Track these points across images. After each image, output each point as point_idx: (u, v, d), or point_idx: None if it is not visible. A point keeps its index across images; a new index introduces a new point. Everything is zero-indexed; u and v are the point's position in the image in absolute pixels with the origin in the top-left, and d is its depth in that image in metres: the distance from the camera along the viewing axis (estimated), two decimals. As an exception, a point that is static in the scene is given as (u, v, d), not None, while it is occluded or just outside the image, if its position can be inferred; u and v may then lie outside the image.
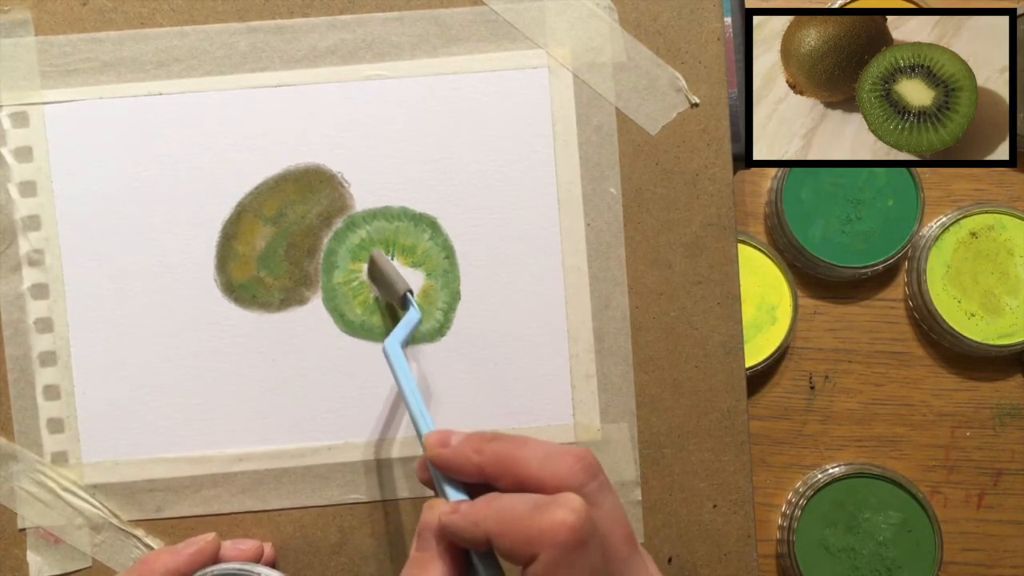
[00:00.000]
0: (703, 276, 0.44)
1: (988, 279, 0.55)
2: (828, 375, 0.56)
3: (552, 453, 0.33)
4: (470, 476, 0.34)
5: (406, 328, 0.40)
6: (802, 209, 0.55)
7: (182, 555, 0.38)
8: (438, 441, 0.35)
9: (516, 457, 0.33)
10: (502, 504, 0.32)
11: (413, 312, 0.41)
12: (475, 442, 0.34)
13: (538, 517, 0.30)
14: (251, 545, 0.41)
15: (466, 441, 0.35)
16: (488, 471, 0.34)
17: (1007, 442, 0.56)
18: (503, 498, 0.33)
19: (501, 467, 0.33)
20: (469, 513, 0.33)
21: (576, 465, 0.33)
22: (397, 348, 0.39)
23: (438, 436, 0.36)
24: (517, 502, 0.32)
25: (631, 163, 0.44)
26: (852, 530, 0.54)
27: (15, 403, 0.43)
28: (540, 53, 0.44)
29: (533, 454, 0.33)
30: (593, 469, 0.33)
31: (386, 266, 0.42)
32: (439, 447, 0.35)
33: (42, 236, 0.43)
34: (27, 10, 0.43)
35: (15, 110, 0.43)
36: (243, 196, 0.43)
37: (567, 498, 0.31)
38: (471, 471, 0.34)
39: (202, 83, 0.43)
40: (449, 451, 0.35)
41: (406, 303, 0.41)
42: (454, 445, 0.35)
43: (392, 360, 0.39)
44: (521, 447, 0.33)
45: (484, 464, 0.34)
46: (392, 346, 0.39)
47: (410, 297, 0.41)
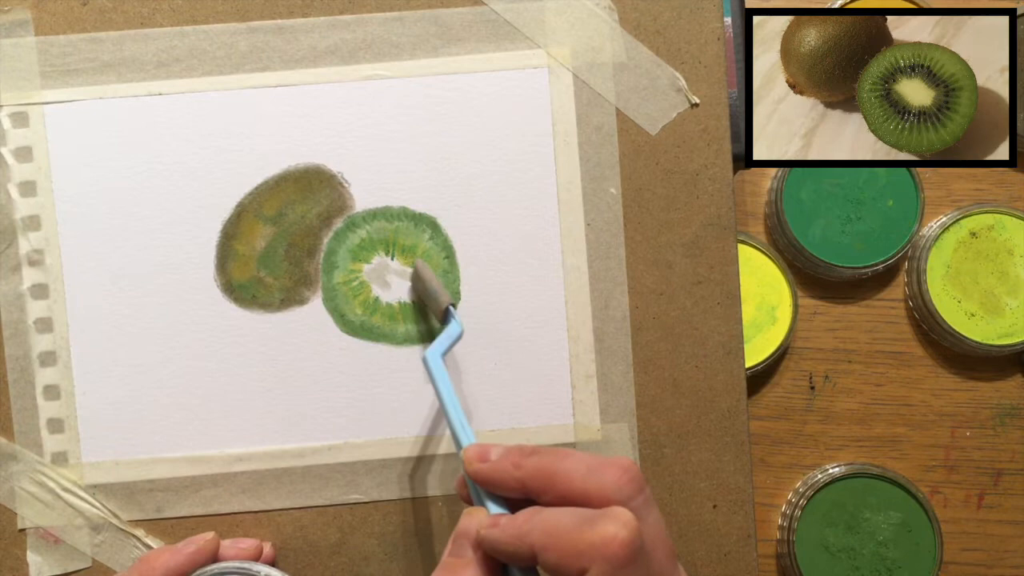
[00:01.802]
0: (703, 276, 0.44)
1: (988, 279, 0.55)
2: (828, 375, 0.56)
3: (595, 466, 0.32)
4: (511, 491, 0.34)
5: (447, 340, 0.40)
6: (802, 209, 0.55)
7: (182, 554, 0.38)
8: (477, 455, 0.35)
9: (558, 470, 0.32)
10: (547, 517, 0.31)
11: (455, 325, 0.41)
12: (515, 456, 0.34)
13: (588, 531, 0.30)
14: (250, 544, 0.41)
15: (505, 455, 0.34)
16: (530, 485, 0.33)
17: (1007, 442, 0.56)
18: (548, 511, 0.32)
19: (543, 481, 0.33)
20: (511, 527, 0.32)
21: (623, 478, 0.32)
22: (439, 360, 0.39)
23: (477, 450, 0.35)
24: (564, 516, 0.31)
25: (631, 163, 0.44)
26: (852, 530, 0.54)
27: (15, 403, 0.43)
28: (540, 53, 0.44)
29: (576, 467, 0.32)
30: (639, 482, 0.32)
31: (430, 278, 0.42)
32: (478, 461, 0.35)
33: (42, 236, 0.43)
34: (27, 10, 0.43)
35: (15, 110, 0.43)
36: (243, 196, 0.43)
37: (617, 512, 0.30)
38: (512, 485, 0.34)
39: (202, 83, 0.43)
40: (488, 466, 0.34)
41: (448, 316, 0.41)
42: (493, 459, 0.34)
43: (433, 372, 0.39)
44: (563, 460, 0.33)
45: (525, 478, 0.33)
46: (434, 357, 0.39)
47: (452, 311, 0.41)
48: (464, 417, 0.37)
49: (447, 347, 0.40)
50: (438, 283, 0.42)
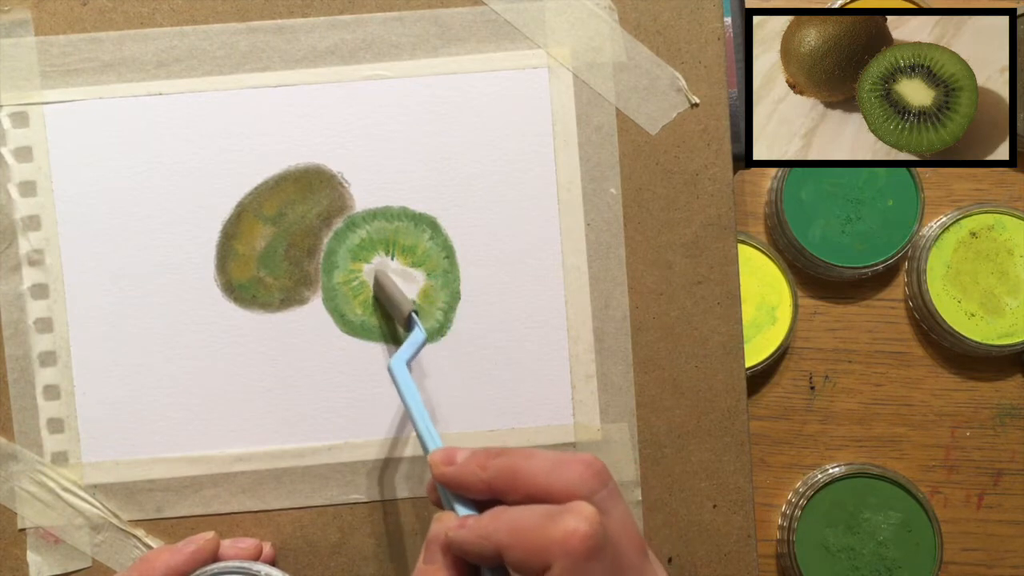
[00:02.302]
0: (703, 276, 0.44)
1: (988, 279, 0.55)
2: (828, 375, 0.56)
3: (559, 462, 0.33)
4: (478, 492, 0.34)
5: (411, 348, 0.40)
6: (802, 209, 0.55)
7: (182, 553, 0.38)
8: (443, 459, 0.35)
9: (522, 469, 0.33)
10: (511, 516, 0.32)
11: (418, 332, 0.41)
12: (480, 458, 0.34)
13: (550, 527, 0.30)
14: (250, 543, 0.41)
15: (471, 457, 0.34)
16: (495, 486, 0.33)
17: (1007, 442, 0.56)
18: (512, 510, 0.32)
19: (508, 481, 0.33)
20: (477, 527, 0.32)
21: (585, 472, 0.32)
22: (403, 368, 0.39)
23: (443, 454, 0.35)
24: (527, 513, 0.31)
25: (631, 163, 0.44)
26: (852, 530, 0.54)
27: (15, 403, 0.43)
28: (540, 53, 0.44)
29: (540, 465, 0.33)
30: (602, 476, 0.33)
31: (390, 286, 0.42)
32: (444, 465, 0.35)
33: (42, 236, 0.43)
34: (27, 10, 0.43)
35: (15, 110, 0.43)
36: (243, 196, 0.43)
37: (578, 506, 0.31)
38: (478, 487, 0.34)
39: (202, 83, 0.43)
40: (454, 469, 0.34)
41: (411, 323, 0.41)
42: (459, 462, 0.34)
43: (398, 380, 0.39)
44: (526, 459, 0.33)
45: (490, 479, 0.33)
46: (398, 366, 0.39)
47: (415, 318, 0.41)
48: (431, 423, 0.37)
49: (412, 354, 0.40)
50: (399, 291, 0.42)
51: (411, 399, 0.38)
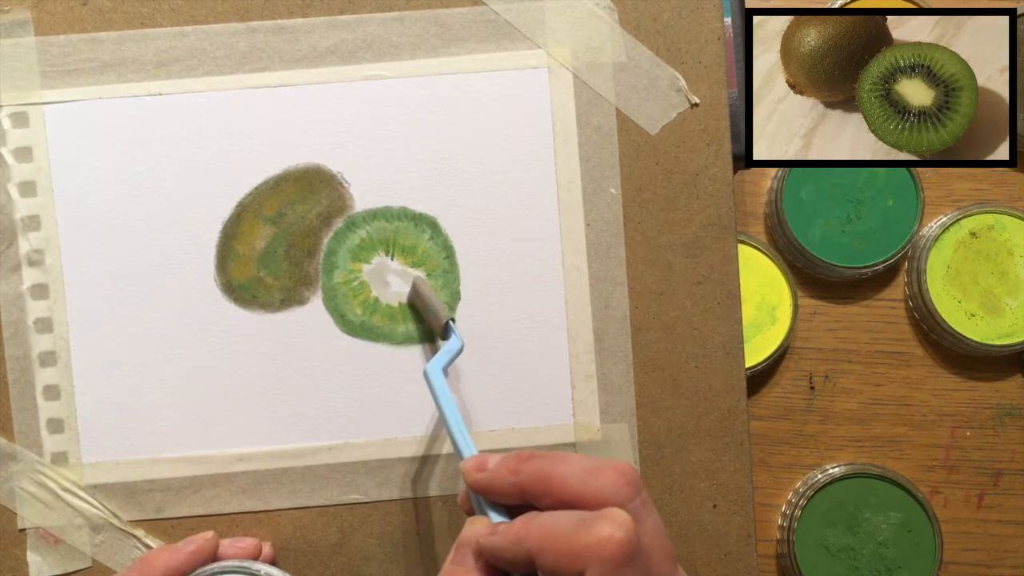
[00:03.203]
0: (703, 276, 0.44)
1: (988, 279, 0.55)
2: (828, 375, 0.56)
3: (592, 469, 0.32)
4: (509, 497, 0.34)
5: (448, 355, 0.40)
6: (802, 209, 0.55)
7: (182, 553, 0.38)
8: (475, 466, 0.35)
9: (554, 474, 0.32)
10: (544, 521, 0.31)
11: (455, 340, 0.41)
12: (511, 463, 0.34)
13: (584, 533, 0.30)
14: (250, 543, 0.41)
15: (502, 462, 0.34)
16: (527, 490, 0.33)
17: (1007, 442, 0.56)
18: (545, 515, 0.32)
19: (540, 486, 0.33)
20: (509, 533, 0.32)
21: (620, 480, 0.32)
22: (439, 374, 0.39)
23: (475, 461, 0.35)
24: (560, 519, 0.31)
25: (631, 163, 0.44)
26: (852, 530, 0.54)
27: (15, 403, 0.43)
28: (540, 53, 0.44)
29: (572, 471, 0.32)
30: (636, 484, 0.32)
31: (428, 294, 0.42)
32: (476, 472, 0.35)
33: (42, 236, 0.43)
34: (27, 10, 0.43)
35: (15, 110, 0.43)
36: (243, 196, 0.43)
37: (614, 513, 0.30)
38: (510, 492, 0.33)
39: (202, 83, 0.43)
40: (486, 475, 0.34)
41: (448, 331, 0.41)
42: (491, 468, 0.34)
43: (435, 386, 0.39)
44: (559, 464, 0.33)
45: (522, 484, 0.33)
46: (434, 371, 0.39)
47: (452, 326, 0.41)
48: (466, 430, 0.37)
49: (448, 361, 0.40)
50: (436, 299, 0.42)
51: (447, 405, 0.38)
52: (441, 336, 0.42)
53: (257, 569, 0.38)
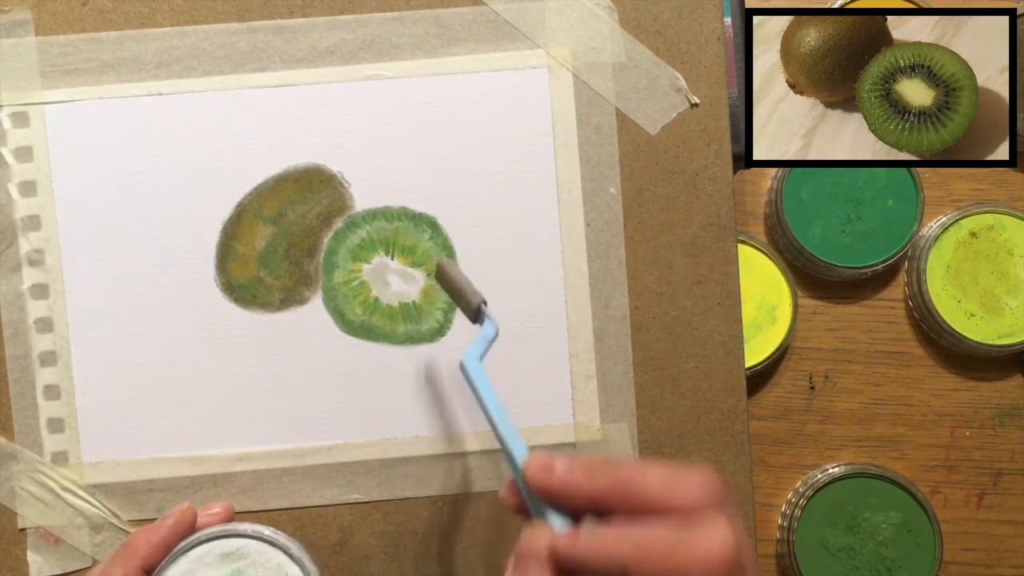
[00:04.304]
0: (703, 276, 0.44)
1: (988, 279, 0.55)
2: (828, 375, 0.56)
3: (676, 475, 0.30)
4: (581, 505, 0.31)
5: (483, 342, 0.37)
6: (802, 209, 0.55)
7: (162, 528, 0.38)
8: (542, 466, 0.32)
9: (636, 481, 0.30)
10: (640, 531, 0.29)
11: (489, 326, 0.38)
12: (587, 467, 0.32)
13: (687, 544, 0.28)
14: (220, 507, 0.40)
15: (577, 467, 0.32)
16: (605, 498, 0.31)
17: (1007, 442, 0.56)
18: (639, 525, 0.30)
19: (620, 493, 0.30)
20: (599, 542, 0.30)
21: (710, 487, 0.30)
22: (477, 364, 0.36)
23: (541, 461, 0.32)
24: (658, 528, 0.29)
25: (631, 163, 0.44)
26: (852, 530, 0.54)
27: (15, 403, 0.43)
28: (540, 53, 0.44)
29: (655, 478, 0.30)
30: (726, 492, 0.30)
31: (457, 276, 0.39)
32: (544, 473, 0.32)
33: (42, 236, 0.43)
34: (27, 10, 0.43)
35: (15, 110, 0.43)
36: (243, 196, 0.43)
37: (716, 521, 0.29)
38: (584, 499, 0.31)
39: (202, 83, 0.43)
40: (558, 479, 0.32)
41: (480, 316, 0.38)
42: (562, 471, 0.32)
43: (473, 378, 0.36)
44: (639, 470, 0.31)
45: (600, 490, 0.31)
46: (471, 362, 0.36)
47: (485, 310, 0.38)
48: (513, 424, 0.34)
49: (484, 349, 0.37)
50: (467, 280, 0.39)
51: (489, 398, 0.35)
52: (473, 320, 0.39)
53: (244, 529, 0.38)
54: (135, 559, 0.37)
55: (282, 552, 0.38)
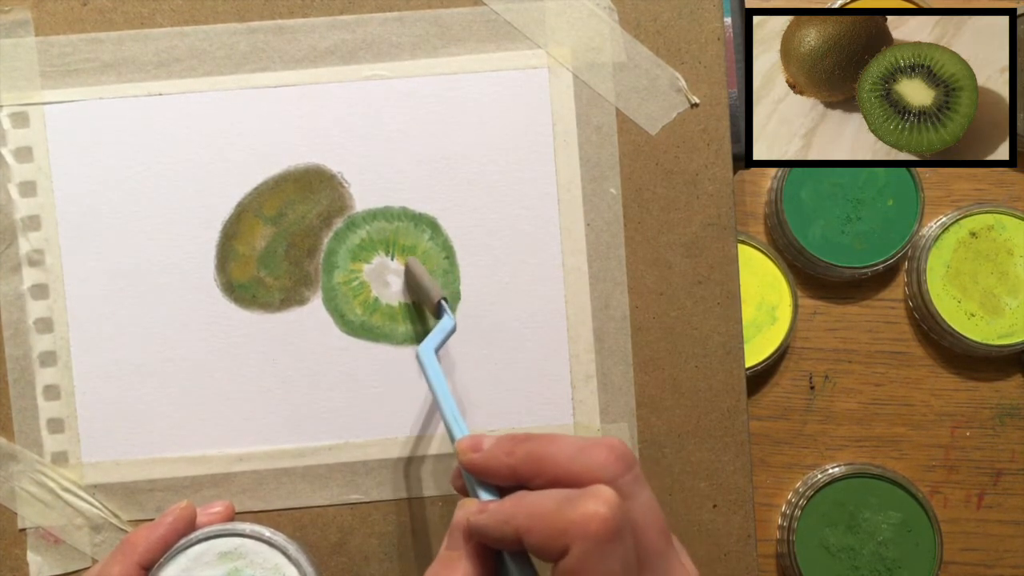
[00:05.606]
0: (703, 276, 0.44)
1: (988, 279, 0.55)
2: (828, 375, 0.56)
3: (583, 447, 0.33)
4: (503, 479, 0.34)
5: (440, 335, 0.40)
6: (802, 209, 0.55)
7: (161, 526, 0.38)
8: (470, 446, 0.35)
9: (547, 454, 0.33)
10: (531, 500, 0.32)
11: (447, 319, 0.41)
12: (506, 444, 0.34)
13: (569, 510, 0.30)
14: (221, 506, 0.41)
15: (497, 444, 0.34)
16: (521, 472, 0.33)
17: (1007, 442, 0.56)
18: (532, 494, 0.32)
19: (533, 466, 0.33)
20: (497, 511, 0.32)
21: (609, 456, 0.32)
22: (431, 354, 0.39)
23: (470, 441, 0.35)
24: (547, 496, 0.31)
25: (631, 163, 0.44)
26: (852, 530, 0.54)
27: (15, 403, 0.43)
28: (540, 53, 0.44)
29: (564, 450, 0.33)
30: (627, 460, 0.32)
31: (421, 274, 0.42)
32: (471, 452, 0.35)
33: (42, 236, 0.43)
34: (27, 10, 0.43)
35: (15, 110, 0.43)
36: (243, 196, 0.43)
37: (597, 490, 0.30)
38: (504, 473, 0.34)
39: (202, 83, 0.43)
40: (481, 455, 0.34)
41: (440, 310, 0.41)
42: (485, 449, 0.35)
43: (426, 366, 0.39)
44: (551, 443, 0.33)
45: (516, 465, 0.33)
46: (426, 352, 0.39)
47: (444, 305, 0.41)
48: (457, 410, 0.37)
49: (440, 341, 0.40)
50: (430, 278, 0.42)
51: (438, 386, 0.38)
52: (434, 315, 0.42)
53: (243, 529, 0.38)
54: (133, 556, 0.37)
55: (280, 552, 0.38)
